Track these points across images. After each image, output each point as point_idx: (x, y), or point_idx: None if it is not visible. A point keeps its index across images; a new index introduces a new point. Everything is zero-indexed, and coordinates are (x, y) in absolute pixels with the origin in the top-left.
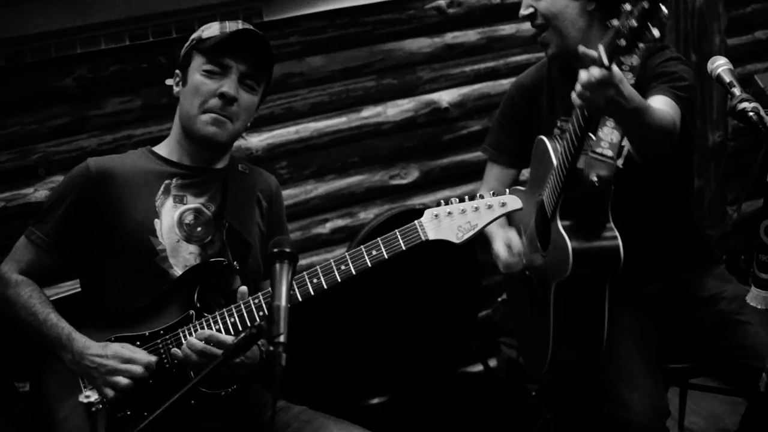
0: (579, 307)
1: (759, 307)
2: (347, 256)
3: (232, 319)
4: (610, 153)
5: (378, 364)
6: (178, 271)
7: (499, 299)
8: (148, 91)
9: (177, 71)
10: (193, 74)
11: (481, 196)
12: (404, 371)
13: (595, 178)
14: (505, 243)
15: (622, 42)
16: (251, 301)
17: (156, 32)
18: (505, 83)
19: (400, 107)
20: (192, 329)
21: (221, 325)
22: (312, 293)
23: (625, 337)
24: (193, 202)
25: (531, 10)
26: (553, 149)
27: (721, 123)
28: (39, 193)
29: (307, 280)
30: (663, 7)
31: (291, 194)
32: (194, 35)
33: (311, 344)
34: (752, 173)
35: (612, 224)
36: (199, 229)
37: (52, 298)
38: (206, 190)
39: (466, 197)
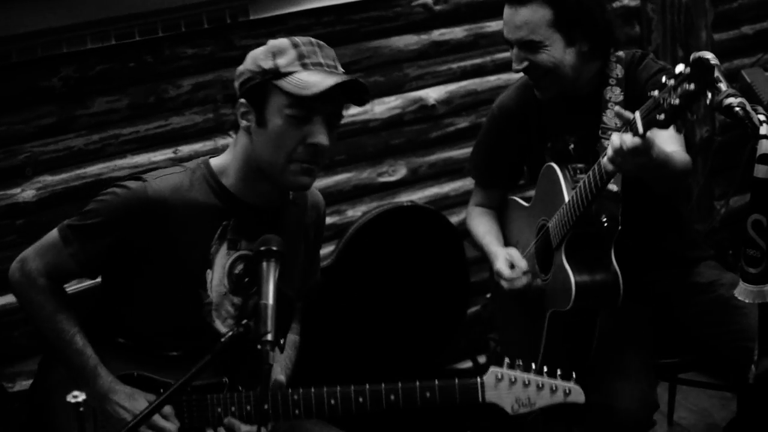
0: (571, 333)
1: (747, 301)
2: (399, 390)
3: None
4: (615, 188)
5: (367, 361)
6: (219, 325)
7: (488, 295)
8: (135, 90)
9: (243, 101)
10: (274, 116)
11: (549, 374)
12: (393, 369)
13: (604, 219)
14: (507, 261)
15: (661, 117)
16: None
17: (142, 31)
18: (492, 80)
19: (387, 105)
20: (221, 399)
21: (251, 408)
22: (354, 412)
23: (620, 330)
24: (245, 248)
25: (526, 63)
26: (564, 182)
27: (708, 118)
28: (26, 192)
29: (353, 398)
30: (709, 94)
31: None
32: (263, 63)
33: (302, 340)
34: (739, 168)
35: (614, 261)
36: (246, 279)
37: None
38: (261, 232)
39: (533, 366)
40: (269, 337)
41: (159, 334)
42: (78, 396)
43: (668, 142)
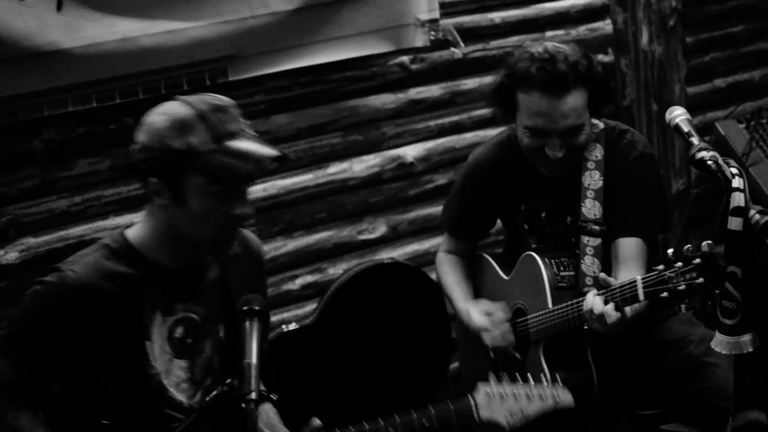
0: None
1: (723, 352)
2: (398, 424)
3: None
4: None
5: (348, 418)
6: (173, 392)
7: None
8: (117, 152)
9: (155, 180)
10: (194, 196)
11: (536, 384)
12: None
13: (586, 327)
14: (484, 312)
15: (664, 295)
16: None
17: (123, 94)
18: (470, 136)
19: (366, 163)
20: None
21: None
22: None
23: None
24: (181, 312)
25: (565, 150)
26: (548, 280)
27: (684, 170)
28: (9, 255)
29: None
30: (717, 292)
31: None
32: (173, 142)
33: (284, 397)
34: (715, 220)
35: (590, 358)
36: (189, 341)
37: None
38: (198, 291)
39: (519, 379)
40: (253, 395)
41: (127, 415)
42: None
43: (631, 255)
